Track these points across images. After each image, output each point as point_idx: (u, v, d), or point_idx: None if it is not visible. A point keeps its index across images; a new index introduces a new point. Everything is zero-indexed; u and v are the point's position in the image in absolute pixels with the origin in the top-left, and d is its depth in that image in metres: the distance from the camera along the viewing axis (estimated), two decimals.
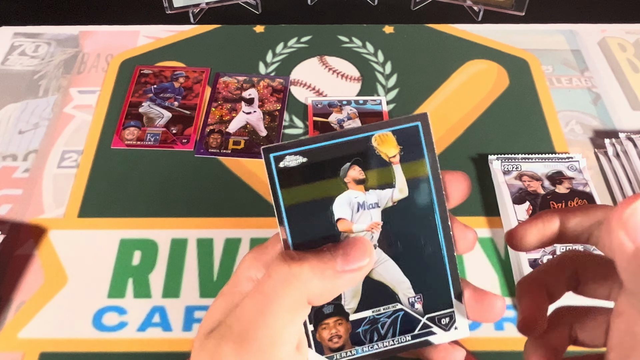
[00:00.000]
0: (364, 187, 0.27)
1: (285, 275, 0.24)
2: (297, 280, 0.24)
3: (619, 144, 0.61)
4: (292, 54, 0.74)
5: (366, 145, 0.26)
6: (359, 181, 0.26)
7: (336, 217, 0.26)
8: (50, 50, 0.74)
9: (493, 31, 0.76)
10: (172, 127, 0.65)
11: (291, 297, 0.24)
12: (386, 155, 0.26)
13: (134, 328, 0.50)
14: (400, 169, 0.27)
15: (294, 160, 0.26)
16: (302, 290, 0.24)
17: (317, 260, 0.25)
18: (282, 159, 0.26)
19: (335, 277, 0.25)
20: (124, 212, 0.58)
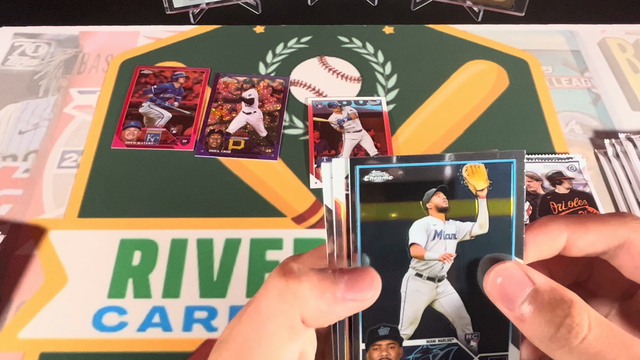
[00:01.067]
0: (445, 216, 0.26)
1: (281, 290, 0.23)
2: (293, 296, 0.23)
3: (619, 144, 0.61)
4: (292, 54, 0.74)
5: (455, 174, 0.25)
6: (441, 209, 0.26)
7: (411, 241, 0.25)
8: (51, 50, 0.74)
9: (493, 31, 0.76)
10: (172, 127, 0.65)
11: (286, 314, 0.23)
12: (474, 188, 0.26)
13: (134, 328, 0.50)
14: (485, 204, 0.26)
15: (379, 176, 0.25)
16: (297, 307, 0.23)
17: (318, 280, 0.23)
18: (368, 173, 0.25)
19: (333, 303, 0.23)
20: (124, 212, 0.58)
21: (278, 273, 0.24)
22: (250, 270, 0.54)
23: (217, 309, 0.52)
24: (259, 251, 0.55)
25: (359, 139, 0.64)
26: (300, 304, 0.23)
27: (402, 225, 0.25)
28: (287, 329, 0.23)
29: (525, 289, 0.23)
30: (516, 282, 0.24)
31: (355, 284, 0.24)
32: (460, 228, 0.26)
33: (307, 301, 0.23)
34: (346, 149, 0.63)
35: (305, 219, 0.58)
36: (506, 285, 0.24)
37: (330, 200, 0.25)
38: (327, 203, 0.25)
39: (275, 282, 0.23)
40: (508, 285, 0.24)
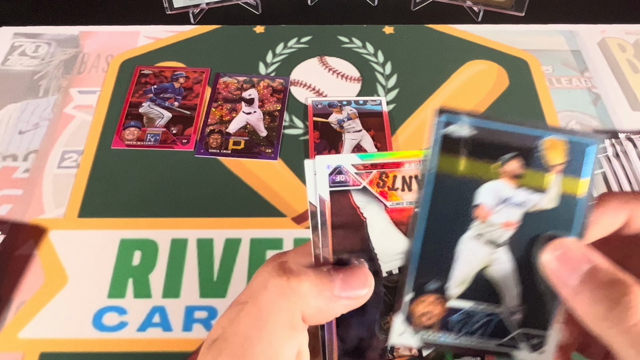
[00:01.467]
0: (516, 183, 0.26)
1: (282, 288, 0.23)
2: (294, 294, 0.23)
3: (619, 144, 0.61)
4: (292, 54, 0.74)
5: (534, 143, 0.25)
6: (514, 176, 0.25)
7: (477, 201, 0.25)
8: (51, 50, 0.74)
9: (493, 31, 0.76)
10: (172, 127, 0.65)
11: (287, 311, 0.23)
12: (550, 161, 0.26)
13: (134, 328, 0.50)
14: (558, 180, 0.26)
15: (465, 130, 0.25)
16: (299, 305, 0.24)
17: (316, 278, 0.24)
18: (451, 124, 0.25)
19: (331, 300, 0.24)
20: (124, 212, 0.58)
21: (277, 272, 0.24)
22: (250, 270, 0.54)
23: (217, 308, 0.52)
24: (259, 251, 0.55)
25: (359, 139, 0.64)
26: (302, 302, 0.23)
27: (471, 184, 0.25)
28: (288, 327, 0.23)
29: (583, 265, 0.23)
30: (575, 258, 0.23)
31: (350, 282, 0.24)
32: (529, 198, 0.25)
33: (307, 299, 0.23)
34: (346, 149, 0.63)
35: (305, 219, 0.58)
36: (564, 259, 0.24)
37: (315, 197, 0.25)
38: (311, 200, 0.25)
39: (275, 280, 0.24)
40: (566, 260, 0.24)
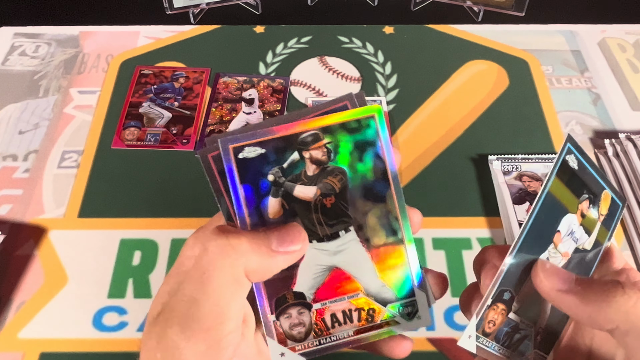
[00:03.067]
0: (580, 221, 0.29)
1: (223, 247, 0.24)
2: (235, 252, 0.24)
3: (619, 144, 0.61)
4: (292, 54, 0.74)
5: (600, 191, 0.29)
6: (582, 214, 0.28)
7: (559, 227, 0.28)
8: (51, 50, 0.74)
9: (493, 31, 0.76)
10: (172, 127, 0.65)
11: (230, 269, 0.24)
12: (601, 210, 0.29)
13: (134, 328, 0.50)
14: (599, 227, 0.29)
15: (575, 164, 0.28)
16: (241, 262, 0.24)
17: (254, 236, 0.25)
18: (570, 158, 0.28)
19: (270, 256, 0.25)
20: (124, 212, 0.58)
21: (216, 234, 0.25)
22: None
23: None
24: None
25: None
26: (243, 258, 0.24)
27: (561, 211, 0.28)
28: (233, 283, 0.24)
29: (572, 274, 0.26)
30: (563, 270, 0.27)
31: (285, 238, 0.26)
32: (582, 236, 0.29)
33: (248, 255, 0.25)
34: None
35: None
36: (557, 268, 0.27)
37: None
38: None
39: (214, 241, 0.25)
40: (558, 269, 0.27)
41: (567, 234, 0.28)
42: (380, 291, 0.28)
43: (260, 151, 0.27)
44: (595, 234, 0.29)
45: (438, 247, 0.55)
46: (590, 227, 0.29)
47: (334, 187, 0.28)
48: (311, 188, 0.28)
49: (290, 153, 0.28)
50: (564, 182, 0.28)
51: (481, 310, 0.27)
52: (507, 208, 0.56)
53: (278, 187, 0.28)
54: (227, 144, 0.27)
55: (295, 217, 0.28)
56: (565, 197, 0.28)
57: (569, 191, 0.28)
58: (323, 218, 0.28)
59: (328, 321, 0.28)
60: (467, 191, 0.60)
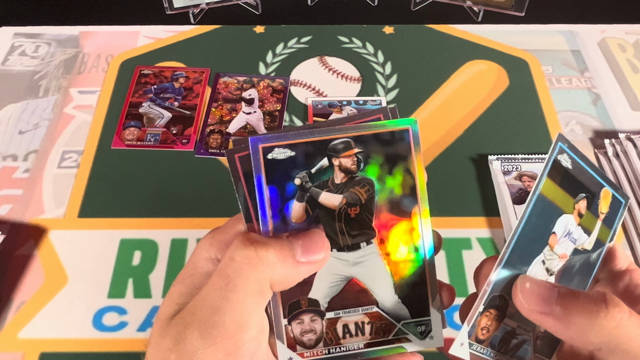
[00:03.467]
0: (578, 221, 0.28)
1: (250, 258, 0.24)
2: (262, 263, 0.24)
3: (619, 144, 0.61)
4: (292, 54, 0.74)
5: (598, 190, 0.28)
6: (580, 214, 0.28)
7: (554, 229, 0.27)
8: (51, 50, 0.74)
9: (493, 31, 0.76)
10: (172, 127, 0.65)
11: (256, 280, 0.24)
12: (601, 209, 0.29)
13: (134, 328, 0.50)
14: (599, 226, 0.29)
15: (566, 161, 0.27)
16: (267, 273, 0.24)
17: (280, 246, 0.25)
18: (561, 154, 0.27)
19: (295, 266, 0.25)
20: (124, 212, 0.58)
21: (243, 243, 0.25)
22: None
23: None
24: None
25: None
26: (270, 270, 0.24)
27: (556, 213, 0.27)
28: (257, 294, 0.24)
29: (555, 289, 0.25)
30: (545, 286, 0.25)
31: (309, 247, 0.26)
32: (581, 237, 0.28)
33: (275, 266, 0.24)
34: None
35: None
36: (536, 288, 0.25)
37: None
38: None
39: (242, 251, 0.24)
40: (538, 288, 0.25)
41: (564, 235, 0.28)
42: (395, 307, 0.28)
43: (290, 154, 0.27)
44: (595, 234, 0.29)
45: None
46: (590, 226, 0.28)
47: (360, 198, 0.27)
48: (337, 196, 0.27)
49: (319, 159, 0.27)
50: (557, 183, 0.27)
51: (472, 317, 0.27)
52: (507, 208, 0.56)
53: (304, 191, 0.27)
54: (257, 143, 0.27)
55: (317, 224, 0.27)
56: (560, 198, 0.27)
57: (563, 191, 0.27)
58: (346, 228, 0.28)
59: (339, 331, 0.28)
60: (467, 191, 0.60)
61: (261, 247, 0.24)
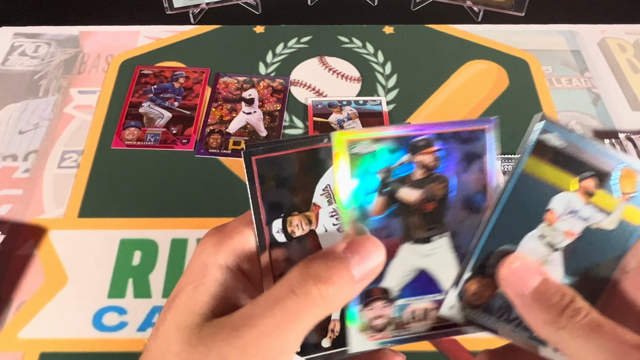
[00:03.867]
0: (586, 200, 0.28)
1: (314, 297, 0.24)
2: (324, 302, 0.24)
3: (619, 144, 0.61)
4: (292, 54, 0.74)
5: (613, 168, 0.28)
6: (587, 192, 0.28)
7: (550, 206, 0.28)
8: (51, 50, 0.74)
9: (493, 31, 0.76)
10: (172, 127, 0.65)
11: (316, 316, 0.24)
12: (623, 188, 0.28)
13: (134, 328, 0.50)
14: (623, 207, 0.28)
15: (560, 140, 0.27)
16: (328, 309, 0.24)
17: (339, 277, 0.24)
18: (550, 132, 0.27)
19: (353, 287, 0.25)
20: (124, 212, 0.58)
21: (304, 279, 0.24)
22: None
23: None
24: None
25: None
26: (330, 305, 0.24)
27: (548, 190, 0.28)
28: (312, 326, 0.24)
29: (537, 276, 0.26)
30: (531, 270, 0.26)
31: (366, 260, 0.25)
32: (594, 215, 0.28)
33: (334, 300, 0.24)
34: None
35: None
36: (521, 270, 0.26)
37: None
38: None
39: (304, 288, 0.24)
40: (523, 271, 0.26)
41: (567, 212, 0.28)
42: None
43: (373, 148, 0.28)
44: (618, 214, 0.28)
45: None
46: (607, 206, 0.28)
47: (436, 194, 0.28)
48: (415, 192, 0.28)
49: (400, 154, 0.28)
50: (549, 161, 0.27)
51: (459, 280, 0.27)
52: None
53: (385, 186, 0.28)
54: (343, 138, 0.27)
55: (396, 217, 0.28)
56: (554, 176, 0.28)
57: (557, 170, 0.28)
58: (421, 222, 0.28)
59: (407, 316, 0.29)
60: None
61: (324, 285, 0.24)
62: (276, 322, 0.24)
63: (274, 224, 0.28)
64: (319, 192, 0.28)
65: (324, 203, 0.28)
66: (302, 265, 0.25)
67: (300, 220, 0.28)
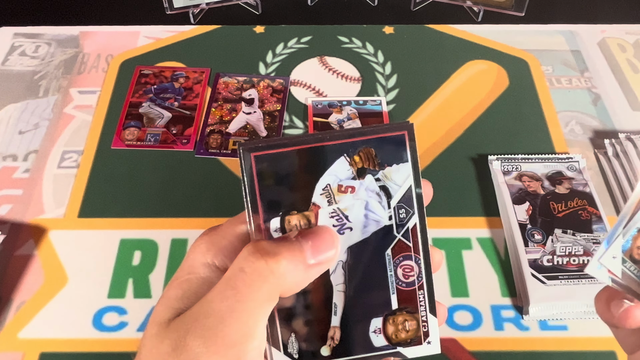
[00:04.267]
0: None
1: (261, 271, 0.24)
2: (274, 276, 0.24)
3: (619, 144, 0.61)
4: (292, 54, 0.74)
5: None
6: None
7: None
8: (51, 50, 0.74)
9: (493, 32, 0.76)
10: (172, 127, 0.65)
11: (267, 292, 0.24)
12: None
13: (134, 328, 0.50)
14: None
15: None
16: (279, 285, 0.24)
17: (290, 254, 0.24)
18: None
19: (305, 271, 0.25)
20: (124, 212, 0.58)
21: (253, 254, 0.24)
22: None
23: None
24: None
25: None
26: (281, 281, 0.24)
27: None
28: (266, 305, 0.24)
29: None
30: None
31: (319, 247, 0.25)
32: None
33: (286, 277, 0.24)
34: None
35: None
36: None
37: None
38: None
39: (253, 264, 0.24)
40: None
41: None
42: None
43: None
44: None
45: (438, 247, 0.54)
46: None
47: None
48: None
49: None
50: None
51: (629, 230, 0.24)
52: (507, 208, 0.56)
53: None
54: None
55: None
56: None
57: None
58: None
59: None
60: (467, 191, 0.60)
61: (272, 258, 0.24)
62: (229, 305, 0.23)
63: (272, 223, 0.27)
64: (319, 192, 0.27)
65: (324, 203, 0.27)
66: (251, 243, 0.25)
67: (299, 220, 0.27)
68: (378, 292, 0.28)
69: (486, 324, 0.50)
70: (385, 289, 0.28)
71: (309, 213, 0.27)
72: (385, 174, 0.27)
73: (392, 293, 0.28)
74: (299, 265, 0.24)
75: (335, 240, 0.26)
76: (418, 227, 0.28)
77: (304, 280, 0.25)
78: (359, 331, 0.28)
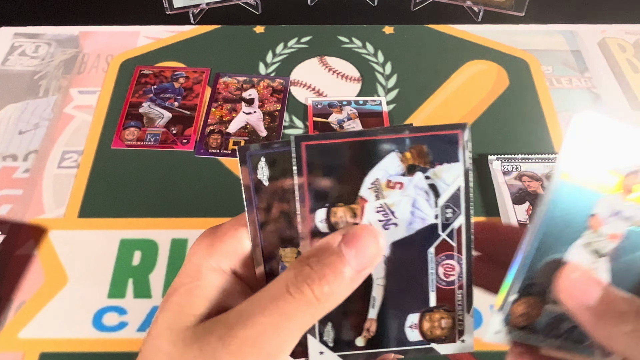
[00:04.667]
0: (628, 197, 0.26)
1: (309, 299, 0.24)
2: (319, 302, 0.24)
3: None
4: (292, 54, 0.74)
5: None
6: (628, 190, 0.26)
7: (594, 211, 0.26)
8: (51, 50, 0.74)
9: (493, 32, 0.76)
10: (172, 127, 0.65)
11: (312, 316, 0.24)
12: None
13: (134, 328, 0.50)
14: None
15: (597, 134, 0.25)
16: (324, 308, 0.24)
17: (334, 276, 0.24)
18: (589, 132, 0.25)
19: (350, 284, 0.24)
20: (124, 212, 0.58)
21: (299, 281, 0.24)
22: None
23: None
24: None
25: None
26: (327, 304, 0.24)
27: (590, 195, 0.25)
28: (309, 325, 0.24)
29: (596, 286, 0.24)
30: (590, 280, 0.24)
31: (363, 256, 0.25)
32: (637, 214, 0.25)
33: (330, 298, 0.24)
34: None
35: None
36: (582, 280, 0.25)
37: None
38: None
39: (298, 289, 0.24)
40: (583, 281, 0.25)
41: (611, 215, 0.26)
42: None
43: None
44: None
45: None
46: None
47: None
48: None
49: None
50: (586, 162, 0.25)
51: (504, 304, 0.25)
52: (507, 208, 0.56)
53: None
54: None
55: None
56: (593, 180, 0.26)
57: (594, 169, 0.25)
58: None
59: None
60: None
61: (318, 286, 0.24)
62: (271, 321, 0.23)
63: (318, 213, 0.27)
64: (367, 185, 0.27)
65: (372, 197, 0.27)
66: (297, 264, 0.25)
67: (345, 212, 0.27)
68: (417, 288, 0.27)
69: (486, 324, 0.50)
70: (424, 286, 0.27)
71: (355, 206, 0.27)
72: (436, 172, 0.27)
73: (431, 291, 0.27)
74: (343, 281, 0.24)
75: (380, 247, 0.25)
76: (463, 228, 0.28)
77: (349, 291, 0.25)
78: (395, 325, 0.27)
